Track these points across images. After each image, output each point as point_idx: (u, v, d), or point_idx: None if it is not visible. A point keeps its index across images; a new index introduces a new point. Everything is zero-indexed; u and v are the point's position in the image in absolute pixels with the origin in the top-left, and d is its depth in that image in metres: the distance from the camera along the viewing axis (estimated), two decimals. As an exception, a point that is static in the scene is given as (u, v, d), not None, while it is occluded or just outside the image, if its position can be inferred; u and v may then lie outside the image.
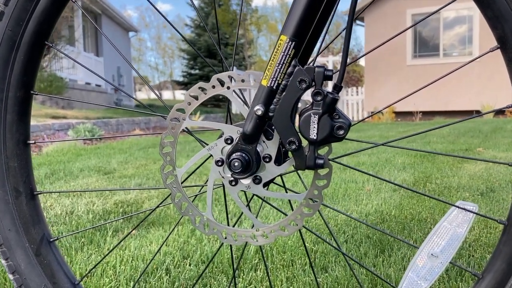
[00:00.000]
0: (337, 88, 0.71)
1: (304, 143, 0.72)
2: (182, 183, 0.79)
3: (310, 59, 0.78)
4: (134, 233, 1.89)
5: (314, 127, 0.69)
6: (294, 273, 1.42)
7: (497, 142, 4.90)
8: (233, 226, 0.80)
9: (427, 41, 13.34)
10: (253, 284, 1.33)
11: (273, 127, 0.73)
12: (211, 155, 0.77)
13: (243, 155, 0.73)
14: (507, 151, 4.28)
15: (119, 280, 1.36)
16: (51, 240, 0.90)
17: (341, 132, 0.70)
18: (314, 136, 0.70)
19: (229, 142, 0.75)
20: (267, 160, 0.75)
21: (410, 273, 0.80)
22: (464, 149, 4.38)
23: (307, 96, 0.72)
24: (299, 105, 0.72)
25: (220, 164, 0.76)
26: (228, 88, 0.75)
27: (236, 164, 0.72)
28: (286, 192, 0.85)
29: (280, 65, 0.70)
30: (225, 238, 0.79)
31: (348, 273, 1.39)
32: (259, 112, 0.71)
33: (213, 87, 0.75)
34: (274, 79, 0.70)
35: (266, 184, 0.77)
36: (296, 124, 0.72)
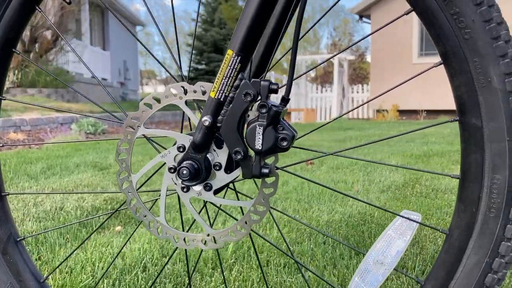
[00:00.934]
0: (285, 100, 0.74)
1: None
2: (137, 189, 0.82)
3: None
4: (120, 230, 1.93)
5: (259, 138, 0.72)
6: (268, 273, 1.45)
7: (495, 143, 4.88)
8: (187, 231, 0.83)
9: (433, 39, 13.26)
10: (226, 284, 1.36)
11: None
12: (165, 162, 0.80)
13: (192, 163, 0.76)
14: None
15: (96, 277, 1.40)
16: (18, 239, 0.94)
17: (285, 143, 0.72)
18: (259, 146, 0.73)
19: (181, 150, 0.79)
20: (218, 168, 0.78)
21: (356, 278, 0.83)
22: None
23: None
24: (249, 116, 0.75)
25: (172, 171, 0.79)
26: (180, 98, 0.78)
27: (184, 172, 0.75)
28: (238, 199, 0.89)
29: (227, 78, 0.73)
30: (177, 242, 0.82)
31: (319, 275, 1.42)
32: (207, 123, 0.74)
33: (166, 97, 0.78)
34: (222, 91, 0.73)
35: (218, 191, 0.80)
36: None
